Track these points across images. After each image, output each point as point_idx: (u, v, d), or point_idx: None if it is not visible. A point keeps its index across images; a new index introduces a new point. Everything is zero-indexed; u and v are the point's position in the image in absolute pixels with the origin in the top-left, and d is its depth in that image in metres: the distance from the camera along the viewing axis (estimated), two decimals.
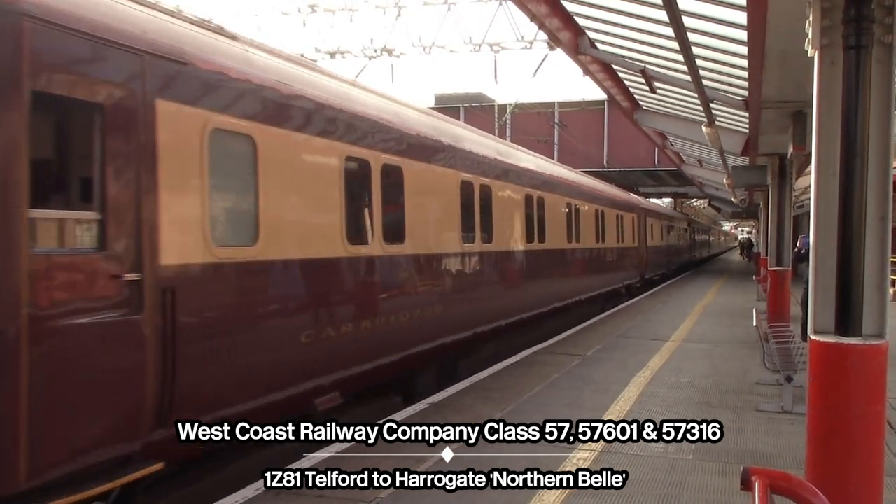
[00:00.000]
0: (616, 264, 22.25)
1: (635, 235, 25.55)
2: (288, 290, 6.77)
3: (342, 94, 7.81)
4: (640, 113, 16.40)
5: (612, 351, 12.48)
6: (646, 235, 27.60)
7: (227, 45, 6.25)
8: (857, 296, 4.52)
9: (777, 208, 15.74)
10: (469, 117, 33.44)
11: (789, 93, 10.02)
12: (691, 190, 43.16)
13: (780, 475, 2.81)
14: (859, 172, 4.46)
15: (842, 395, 4.56)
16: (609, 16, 9.31)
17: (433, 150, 9.61)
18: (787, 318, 14.90)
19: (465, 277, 10.57)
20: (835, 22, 4.54)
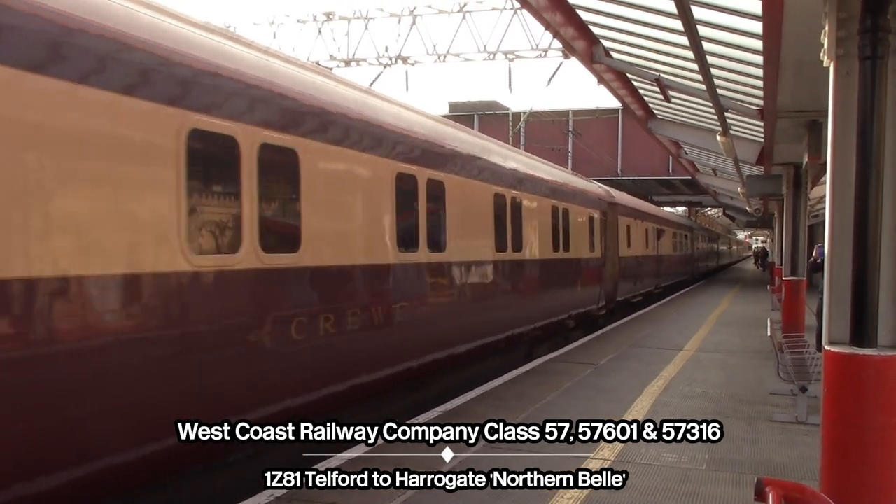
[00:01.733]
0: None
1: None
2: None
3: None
4: (654, 122, 16.39)
5: (626, 360, 12.44)
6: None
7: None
8: (872, 307, 4.50)
9: (792, 218, 15.68)
10: (483, 125, 33.50)
11: (804, 102, 10.00)
12: (706, 199, 43.06)
13: (794, 486, 2.81)
14: (875, 182, 4.45)
15: (857, 407, 4.54)
16: (624, 25, 9.33)
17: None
18: (801, 328, 14.82)
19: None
20: (850, 32, 4.54)
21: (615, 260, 19.67)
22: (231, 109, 5.82)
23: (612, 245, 19.40)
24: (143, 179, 5.07)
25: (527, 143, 33.05)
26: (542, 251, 13.43)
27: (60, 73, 4.49)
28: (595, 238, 17.57)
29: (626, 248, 21.35)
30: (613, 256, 19.53)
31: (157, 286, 5.16)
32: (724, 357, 12.89)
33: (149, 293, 5.13)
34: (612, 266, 19.27)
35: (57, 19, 4.48)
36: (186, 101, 5.40)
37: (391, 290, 8.21)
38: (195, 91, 5.49)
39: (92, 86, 4.68)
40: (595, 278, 17.58)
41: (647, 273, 25.21)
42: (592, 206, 17.51)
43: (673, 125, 16.39)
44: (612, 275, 19.25)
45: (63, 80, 4.50)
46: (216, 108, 5.68)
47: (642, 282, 24.41)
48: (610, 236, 19.28)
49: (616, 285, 19.79)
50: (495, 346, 11.54)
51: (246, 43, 6.68)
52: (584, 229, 16.83)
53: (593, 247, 17.40)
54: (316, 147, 6.87)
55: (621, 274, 20.37)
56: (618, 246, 20.05)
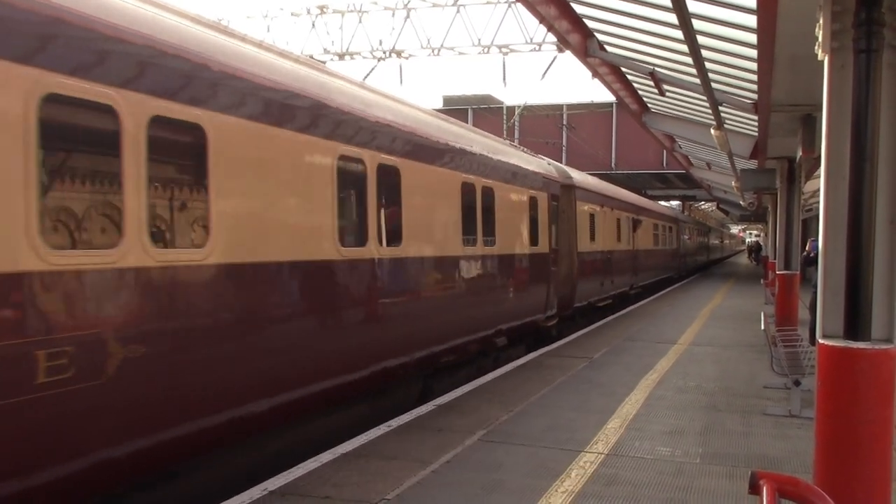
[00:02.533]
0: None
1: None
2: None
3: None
4: (648, 116, 16.37)
5: (620, 354, 12.45)
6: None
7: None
8: (866, 300, 4.50)
9: (786, 212, 15.70)
10: (477, 119, 33.49)
11: (799, 96, 10.00)
12: (700, 193, 43.10)
13: (787, 479, 2.81)
14: (869, 176, 4.45)
15: (850, 400, 4.54)
16: (618, 18, 9.30)
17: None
18: (795, 321, 14.84)
19: None
20: (845, 26, 4.53)
21: (572, 256, 16.20)
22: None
23: (566, 237, 16.00)
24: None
25: (521, 136, 33.04)
26: (444, 246, 9.74)
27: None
28: (540, 228, 13.74)
29: (589, 241, 17.85)
30: (569, 252, 16.08)
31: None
32: (718, 351, 12.92)
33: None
34: (568, 264, 15.94)
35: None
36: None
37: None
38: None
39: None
40: (543, 279, 13.87)
41: (618, 271, 21.22)
42: (537, 188, 13.70)
43: (667, 119, 16.37)
44: (567, 274, 15.83)
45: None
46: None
47: (612, 282, 20.31)
48: (564, 226, 15.88)
49: (573, 287, 16.18)
50: (353, 389, 7.68)
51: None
52: (525, 215, 12.96)
53: (536, 240, 13.51)
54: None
55: (580, 273, 16.69)
56: (576, 238, 16.50)
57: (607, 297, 20.00)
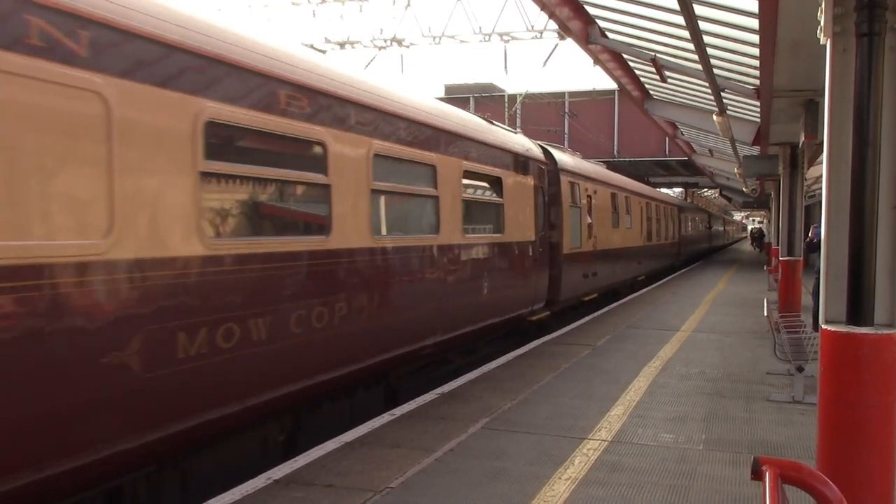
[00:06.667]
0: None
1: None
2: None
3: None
4: (650, 102, 16.32)
5: (622, 341, 12.46)
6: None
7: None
8: (868, 285, 4.48)
9: (788, 198, 15.67)
10: (479, 107, 33.40)
11: (801, 81, 9.95)
12: (702, 180, 43.01)
13: (791, 465, 2.80)
14: (871, 161, 4.42)
15: (853, 385, 4.53)
16: (619, 4, 9.26)
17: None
18: (798, 307, 14.86)
19: None
20: (847, 9, 4.49)
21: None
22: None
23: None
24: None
25: (523, 125, 32.96)
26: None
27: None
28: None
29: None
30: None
31: None
32: (720, 337, 12.91)
33: None
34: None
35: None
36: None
37: None
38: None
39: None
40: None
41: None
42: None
43: (669, 106, 16.33)
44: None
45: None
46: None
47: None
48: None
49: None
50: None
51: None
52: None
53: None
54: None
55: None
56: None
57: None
